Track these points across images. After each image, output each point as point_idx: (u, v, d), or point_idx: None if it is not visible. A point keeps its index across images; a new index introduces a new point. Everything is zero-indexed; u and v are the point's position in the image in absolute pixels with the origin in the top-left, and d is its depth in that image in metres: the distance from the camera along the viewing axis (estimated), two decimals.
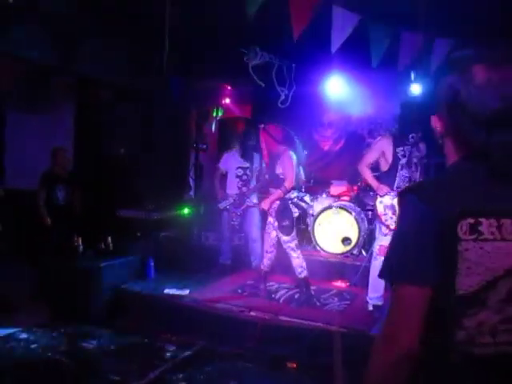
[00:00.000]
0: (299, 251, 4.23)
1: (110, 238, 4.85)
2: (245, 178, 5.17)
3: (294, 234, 4.20)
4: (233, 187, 5.18)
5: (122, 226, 5.32)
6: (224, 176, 5.30)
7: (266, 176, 4.52)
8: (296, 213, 4.26)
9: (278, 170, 4.16)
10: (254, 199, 5.13)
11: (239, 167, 5.19)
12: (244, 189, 5.10)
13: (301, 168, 4.36)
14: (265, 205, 4.19)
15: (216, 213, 5.39)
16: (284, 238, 4.15)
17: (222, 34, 4.54)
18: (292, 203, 4.20)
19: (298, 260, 4.18)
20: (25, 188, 5.51)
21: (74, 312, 4.20)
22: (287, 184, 4.06)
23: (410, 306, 1.03)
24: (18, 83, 5.81)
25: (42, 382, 3.20)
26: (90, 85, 6.09)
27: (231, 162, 5.25)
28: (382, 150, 3.90)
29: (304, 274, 4.21)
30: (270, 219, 4.23)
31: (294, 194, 4.22)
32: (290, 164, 4.09)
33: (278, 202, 4.13)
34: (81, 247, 4.71)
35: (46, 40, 4.33)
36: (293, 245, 4.17)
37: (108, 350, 3.69)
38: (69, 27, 4.33)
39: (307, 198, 4.42)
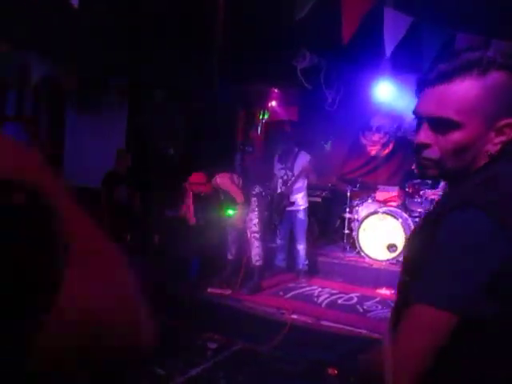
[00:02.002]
0: (261, 242, 4.67)
1: (157, 237, 4.99)
2: (285, 178, 5.18)
3: (261, 226, 4.70)
4: (277, 188, 5.23)
5: (169, 226, 5.46)
6: None
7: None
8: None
9: (228, 193, 4.62)
10: (300, 200, 5.13)
11: (281, 168, 5.22)
12: (283, 188, 5.14)
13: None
14: (238, 223, 4.65)
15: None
16: (254, 228, 4.62)
17: (272, 37, 4.57)
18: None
19: (258, 249, 4.60)
20: (80, 185, 5.76)
21: None
22: (238, 200, 4.53)
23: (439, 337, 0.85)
24: (76, 85, 6.11)
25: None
26: (142, 86, 6.31)
27: (276, 164, 5.30)
28: None
29: (260, 262, 4.63)
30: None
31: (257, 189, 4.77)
32: (228, 183, 4.59)
33: (255, 199, 4.67)
34: (129, 244, 4.87)
35: (102, 43, 4.52)
36: (258, 235, 4.63)
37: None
38: (122, 31, 4.51)
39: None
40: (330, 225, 6.80)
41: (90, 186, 5.51)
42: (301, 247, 5.16)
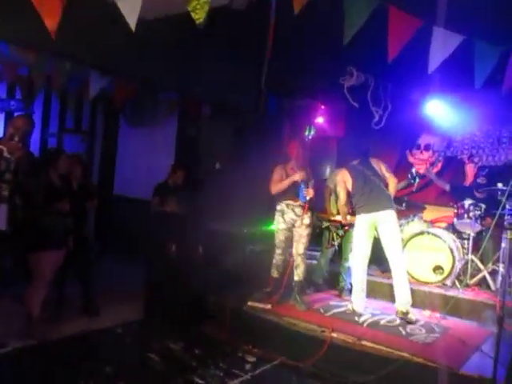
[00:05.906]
0: (306, 260, 4.74)
1: (201, 249, 5.08)
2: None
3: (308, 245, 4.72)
4: None
5: (212, 238, 5.54)
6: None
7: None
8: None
9: None
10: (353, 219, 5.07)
11: None
12: None
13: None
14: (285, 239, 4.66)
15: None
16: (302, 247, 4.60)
17: (319, 54, 4.60)
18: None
19: (303, 267, 4.67)
20: (131, 196, 5.96)
21: (165, 312, 4.48)
22: None
23: None
24: (129, 100, 6.41)
25: (131, 376, 3.43)
26: (191, 101, 6.50)
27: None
28: None
29: (302, 277, 4.67)
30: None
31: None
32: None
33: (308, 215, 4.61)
34: (174, 254, 5.00)
35: (154, 59, 4.71)
36: (304, 254, 4.69)
37: (193, 354, 3.86)
38: (172, 48, 4.70)
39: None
40: (376, 244, 6.65)
41: (141, 198, 5.71)
42: (348, 265, 5.07)
